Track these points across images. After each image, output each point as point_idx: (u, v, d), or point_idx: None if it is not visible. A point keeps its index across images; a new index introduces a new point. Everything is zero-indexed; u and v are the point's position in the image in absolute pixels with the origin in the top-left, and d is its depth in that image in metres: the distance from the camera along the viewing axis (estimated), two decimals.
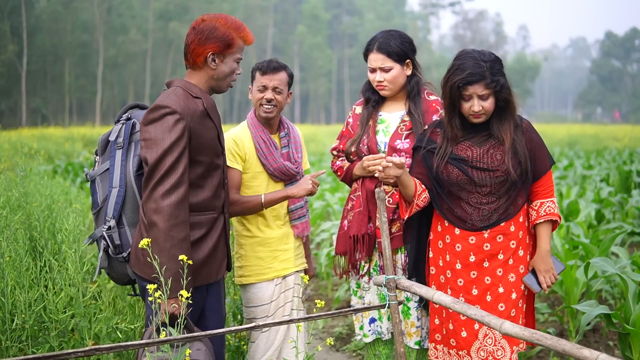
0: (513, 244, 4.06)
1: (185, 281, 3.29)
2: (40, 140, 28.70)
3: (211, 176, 3.75)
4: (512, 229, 4.06)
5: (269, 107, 4.46)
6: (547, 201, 4.09)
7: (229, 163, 4.35)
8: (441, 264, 4.22)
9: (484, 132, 4.06)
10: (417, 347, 4.47)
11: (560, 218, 4.11)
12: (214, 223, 3.78)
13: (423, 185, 4.18)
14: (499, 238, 4.05)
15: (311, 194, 4.39)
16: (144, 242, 3.24)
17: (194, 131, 3.59)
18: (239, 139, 4.46)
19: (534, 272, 4.10)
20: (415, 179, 4.16)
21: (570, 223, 9.21)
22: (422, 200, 4.18)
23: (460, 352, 4.15)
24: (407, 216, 4.24)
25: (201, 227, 3.70)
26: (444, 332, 4.21)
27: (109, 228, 3.68)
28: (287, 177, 4.53)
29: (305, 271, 4.75)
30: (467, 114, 3.99)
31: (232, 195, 4.35)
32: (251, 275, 4.51)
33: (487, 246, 4.07)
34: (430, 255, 4.32)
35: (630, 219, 11.51)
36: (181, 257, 3.29)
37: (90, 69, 66.17)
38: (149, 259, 3.31)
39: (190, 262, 3.33)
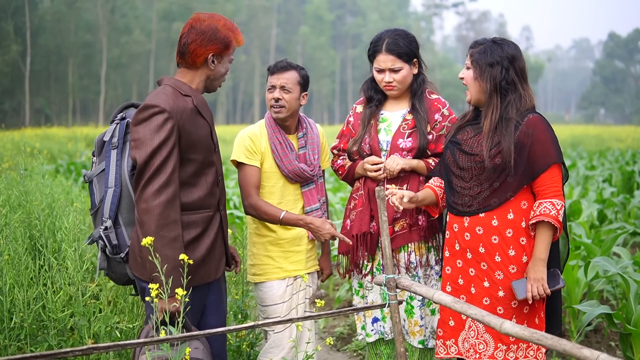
0: (495, 239, 3.94)
1: (185, 280, 3.28)
2: (43, 140, 28.70)
3: (205, 174, 3.74)
4: (495, 223, 3.94)
5: (277, 107, 4.43)
6: (545, 202, 3.84)
7: (246, 161, 4.37)
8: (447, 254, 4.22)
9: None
10: (420, 346, 4.46)
11: (557, 221, 3.81)
12: (210, 221, 3.77)
13: (443, 185, 4.23)
14: (479, 230, 3.98)
15: (328, 237, 4.39)
16: (146, 240, 3.25)
17: (184, 129, 3.58)
18: (255, 137, 4.44)
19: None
20: (433, 186, 4.27)
21: (572, 223, 9.19)
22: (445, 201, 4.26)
23: (447, 342, 4.13)
24: (437, 215, 4.36)
25: (197, 226, 3.69)
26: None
27: (106, 228, 3.67)
28: (303, 180, 4.51)
29: (318, 273, 4.75)
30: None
31: (252, 196, 4.35)
32: (262, 274, 4.50)
33: (467, 236, 4.02)
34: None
35: (633, 219, 11.49)
36: (182, 256, 3.28)
37: (93, 69, 66.26)
38: (150, 258, 3.30)
39: (190, 261, 3.32)
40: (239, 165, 4.43)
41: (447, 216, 4.22)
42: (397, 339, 3.66)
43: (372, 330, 4.56)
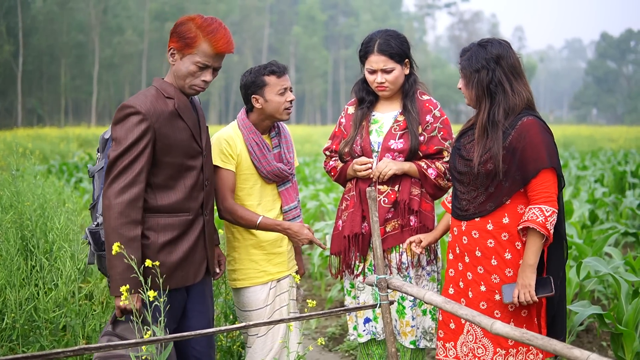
0: (491, 243, 3.92)
1: (161, 281, 3.30)
2: (35, 141, 28.65)
3: (183, 177, 3.74)
4: (490, 227, 3.92)
5: (290, 108, 4.42)
6: (534, 207, 3.76)
7: (221, 164, 4.30)
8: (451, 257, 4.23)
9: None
10: (412, 346, 4.46)
11: (543, 228, 3.71)
12: (189, 225, 3.77)
13: None
14: (475, 234, 3.97)
15: (305, 242, 4.41)
16: (116, 246, 3.27)
17: (160, 132, 3.58)
18: (231, 140, 4.38)
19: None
20: (447, 204, 4.31)
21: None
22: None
23: (447, 345, 4.13)
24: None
25: (174, 229, 3.69)
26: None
27: (98, 224, 3.69)
28: (280, 179, 4.47)
29: (296, 272, 4.71)
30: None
31: (228, 200, 4.31)
32: (245, 279, 4.42)
33: (464, 239, 4.03)
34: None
35: (624, 219, 11.53)
36: (147, 262, 3.30)
37: (86, 70, 66.14)
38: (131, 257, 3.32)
39: (157, 263, 3.32)
40: (215, 168, 4.34)
41: (450, 219, 4.24)
42: (389, 340, 3.67)
43: (364, 330, 4.57)
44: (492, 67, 3.90)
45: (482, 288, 3.98)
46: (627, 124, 77.33)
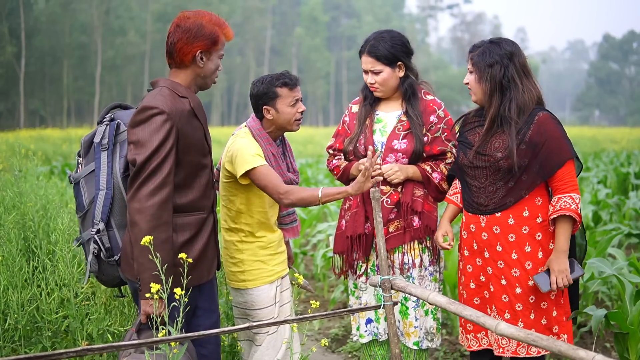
0: (512, 237, 4.03)
1: (178, 280, 3.28)
2: (37, 142, 28.68)
3: (199, 176, 3.72)
4: (511, 221, 4.03)
5: (301, 120, 4.40)
6: (565, 196, 3.94)
7: (260, 162, 4.11)
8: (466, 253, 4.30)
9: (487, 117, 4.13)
10: (415, 347, 4.46)
11: (577, 214, 3.92)
12: (203, 223, 3.76)
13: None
14: (495, 229, 4.06)
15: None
16: (146, 239, 3.26)
17: (182, 131, 3.56)
18: (256, 146, 4.26)
19: (548, 271, 4.01)
20: (451, 198, 4.42)
21: None
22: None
23: (478, 335, 4.21)
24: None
25: (191, 228, 3.68)
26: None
27: (98, 231, 3.65)
28: None
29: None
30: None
31: (282, 186, 4.02)
32: (256, 279, 4.39)
33: (484, 235, 4.10)
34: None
35: (627, 220, 11.52)
36: (181, 255, 3.33)
37: (88, 71, 66.14)
38: (150, 256, 3.29)
39: (190, 260, 3.31)
40: (252, 171, 4.11)
41: (463, 216, 4.28)
42: (393, 340, 3.66)
43: (366, 331, 4.56)
44: (505, 63, 4.03)
45: (503, 282, 4.08)
46: (630, 126, 77.36)
